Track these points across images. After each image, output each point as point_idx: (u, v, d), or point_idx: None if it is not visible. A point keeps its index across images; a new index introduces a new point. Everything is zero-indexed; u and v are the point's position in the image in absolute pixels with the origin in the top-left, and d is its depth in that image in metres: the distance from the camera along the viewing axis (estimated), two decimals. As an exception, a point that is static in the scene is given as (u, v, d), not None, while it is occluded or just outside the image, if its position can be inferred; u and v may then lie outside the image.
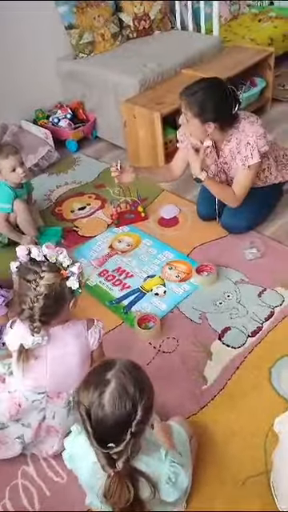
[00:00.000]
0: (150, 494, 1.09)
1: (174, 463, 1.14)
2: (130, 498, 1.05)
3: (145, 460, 1.11)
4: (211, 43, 3.17)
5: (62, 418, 1.46)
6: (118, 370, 1.04)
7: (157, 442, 1.19)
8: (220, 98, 1.96)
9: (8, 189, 2.29)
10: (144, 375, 1.09)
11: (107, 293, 2.13)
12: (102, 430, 1.01)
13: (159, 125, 2.60)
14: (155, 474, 1.11)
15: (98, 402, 1.00)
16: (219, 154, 2.17)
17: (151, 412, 1.06)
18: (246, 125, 2.03)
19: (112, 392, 1.01)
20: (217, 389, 1.69)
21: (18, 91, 3.10)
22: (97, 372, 1.07)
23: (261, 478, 1.44)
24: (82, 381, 1.08)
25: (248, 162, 2.04)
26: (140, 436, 1.04)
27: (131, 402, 1.01)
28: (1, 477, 1.54)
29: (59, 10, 3.03)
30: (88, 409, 1.01)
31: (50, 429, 1.49)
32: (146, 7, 3.25)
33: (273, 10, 4.05)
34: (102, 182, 2.89)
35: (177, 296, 2.07)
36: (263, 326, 1.89)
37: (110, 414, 1.00)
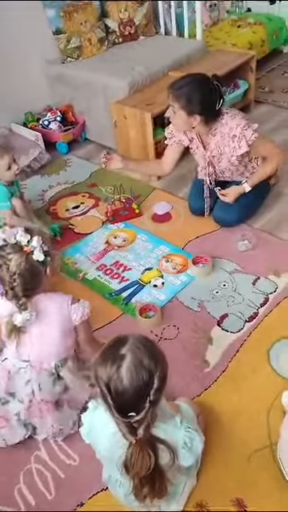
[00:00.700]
0: (170, 460, 1.15)
1: (189, 429, 1.20)
2: (151, 464, 1.11)
3: (162, 427, 1.17)
4: (196, 47, 3.29)
5: (48, 389, 1.53)
6: (132, 344, 1.09)
7: (171, 411, 1.25)
8: (206, 92, 2.06)
9: (3, 187, 2.34)
10: (156, 347, 1.15)
11: (106, 286, 2.19)
12: (123, 401, 1.07)
13: (150, 125, 2.69)
14: (173, 440, 1.17)
15: (116, 376, 1.05)
16: (206, 148, 2.27)
17: (166, 380, 1.12)
18: (228, 119, 2.13)
19: (128, 366, 1.06)
20: (219, 371, 1.77)
21: (8, 95, 3.14)
22: (111, 348, 1.11)
23: (265, 451, 1.51)
24: (98, 358, 1.13)
25: (236, 153, 2.15)
26: (157, 403, 1.10)
27: (147, 373, 1.06)
28: (14, 463, 1.58)
29: (47, 15, 3.09)
30: (107, 383, 1.06)
31: (41, 407, 1.55)
32: (130, 13, 3.35)
33: (251, 16, 4.20)
34: (95, 181, 2.96)
35: (175, 287, 2.14)
36: (259, 311, 1.98)
37: (129, 385, 1.05)
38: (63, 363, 1.54)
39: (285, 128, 3.23)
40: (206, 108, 2.08)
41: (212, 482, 1.45)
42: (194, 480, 1.43)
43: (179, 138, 2.33)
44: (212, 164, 2.31)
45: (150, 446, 1.11)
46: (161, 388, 1.09)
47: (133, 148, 2.91)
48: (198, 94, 2.05)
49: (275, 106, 3.54)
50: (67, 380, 1.56)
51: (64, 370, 1.55)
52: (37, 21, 3.08)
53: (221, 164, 2.29)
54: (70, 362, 1.57)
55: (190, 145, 2.35)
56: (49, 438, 1.61)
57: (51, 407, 1.56)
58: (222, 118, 2.14)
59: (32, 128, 3.21)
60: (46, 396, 1.54)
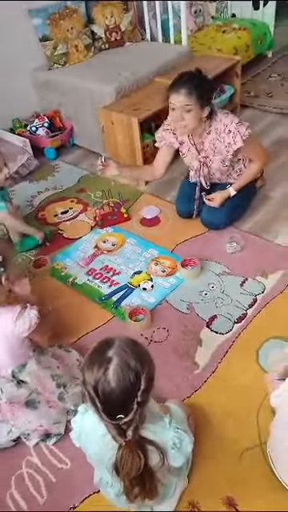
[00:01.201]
0: (159, 461, 1.16)
1: (178, 429, 1.21)
2: (141, 465, 1.12)
3: (151, 429, 1.18)
4: (181, 53, 3.33)
5: (11, 392, 1.56)
6: (118, 346, 1.10)
7: (159, 412, 1.26)
8: (207, 84, 2.12)
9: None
10: (143, 349, 1.16)
11: (96, 290, 2.20)
12: (111, 404, 1.07)
13: (137, 130, 2.71)
14: (162, 441, 1.18)
15: (103, 379, 1.06)
16: (199, 150, 2.29)
17: (153, 381, 1.13)
18: (222, 116, 2.18)
19: (115, 368, 1.06)
20: (208, 372, 1.79)
21: (-5, 101, 3.15)
22: (98, 351, 1.12)
23: (255, 450, 1.53)
24: (85, 361, 1.14)
25: (232, 149, 2.17)
26: (145, 405, 1.11)
27: (134, 374, 1.07)
28: (6, 468, 1.58)
29: (33, 22, 3.11)
30: (95, 386, 1.07)
31: (11, 408, 1.58)
32: (116, 19, 3.38)
33: (235, 22, 4.26)
34: (83, 186, 2.97)
35: (164, 289, 2.16)
36: (248, 312, 2.00)
37: (116, 387, 1.06)
38: (21, 369, 1.56)
39: (270, 131, 3.27)
40: (210, 98, 2.13)
41: (203, 482, 1.46)
42: (186, 480, 1.44)
43: (169, 140, 2.35)
44: (206, 165, 2.33)
45: (139, 447, 1.12)
46: (148, 389, 1.10)
47: (121, 153, 2.93)
48: (205, 86, 2.10)
49: (261, 110, 3.59)
50: (31, 383, 1.57)
51: (24, 373, 1.56)
52: (23, 28, 3.10)
53: (213, 165, 2.32)
54: (30, 365, 1.58)
55: (181, 148, 2.36)
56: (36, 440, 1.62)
57: (21, 407, 1.58)
58: (216, 115, 2.18)
59: (20, 134, 3.22)
60: (11, 398, 1.56)
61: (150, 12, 3.57)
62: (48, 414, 1.61)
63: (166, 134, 2.35)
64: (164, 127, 2.35)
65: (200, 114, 2.11)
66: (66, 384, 1.66)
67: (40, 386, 1.60)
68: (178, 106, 2.07)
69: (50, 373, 1.63)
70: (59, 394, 1.63)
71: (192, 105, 2.06)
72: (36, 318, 1.50)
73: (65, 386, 1.65)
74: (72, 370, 1.75)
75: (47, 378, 1.62)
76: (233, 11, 4.53)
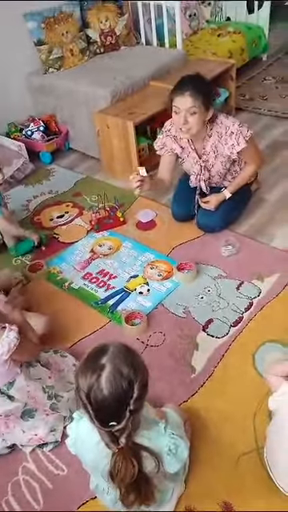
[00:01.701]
0: (155, 467, 1.16)
1: (173, 435, 1.21)
2: (134, 472, 1.11)
3: (146, 435, 1.17)
4: (176, 56, 3.33)
5: (4, 405, 1.54)
6: (112, 354, 1.10)
7: (155, 418, 1.26)
8: (209, 87, 2.15)
9: None
10: (136, 356, 1.15)
11: (92, 294, 2.20)
12: (103, 411, 1.07)
13: (132, 133, 2.71)
14: (157, 447, 1.18)
15: (96, 386, 1.06)
16: (200, 154, 2.29)
17: (146, 389, 1.13)
18: (223, 118, 2.19)
19: (108, 375, 1.06)
20: (205, 376, 1.78)
21: (-10, 106, 3.15)
22: (92, 358, 1.12)
23: (252, 454, 1.52)
24: (79, 368, 1.14)
25: (236, 150, 2.18)
26: (138, 412, 1.11)
27: (127, 382, 1.07)
28: (2, 475, 1.57)
29: (28, 26, 3.11)
30: (88, 393, 1.07)
31: (5, 420, 1.57)
32: (111, 23, 3.39)
33: (230, 25, 4.27)
34: (79, 190, 2.97)
35: (160, 293, 2.16)
36: (244, 316, 2.00)
37: (109, 395, 1.05)
38: (9, 386, 1.53)
39: (265, 134, 3.28)
40: (212, 101, 2.15)
41: (200, 487, 1.46)
42: (182, 486, 1.44)
43: (170, 146, 2.34)
44: (207, 169, 2.33)
45: (133, 454, 1.12)
46: (141, 397, 1.09)
47: (116, 157, 2.93)
48: (209, 87, 2.14)
49: (256, 113, 3.60)
50: (21, 399, 1.55)
51: (13, 390, 1.53)
52: (18, 32, 3.10)
53: (213, 168, 2.33)
54: (19, 381, 1.54)
55: (181, 154, 2.36)
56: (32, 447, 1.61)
57: (16, 419, 1.57)
58: (216, 118, 2.19)
59: (15, 138, 3.22)
60: (4, 411, 1.55)
61: (144, 16, 3.58)
62: (44, 421, 1.60)
63: (167, 141, 2.34)
64: (163, 134, 2.35)
65: (204, 117, 2.11)
66: (57, 394, 1.63)
67: (31, 400, 1.58)
68: (182, 108, 2.07)
69: (40, 385, 1.60)
70: (51, 405, 1.61)
71: (197, 107, 2.05)
72: (16, 340, 1.44)
73: (56, 397, 1.63)
74: (68, 375, 1.74)
75: (38, 391, 1.59)
76: (227, 15, 4.54)
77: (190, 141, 2.28)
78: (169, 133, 2.32)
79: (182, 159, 2.40)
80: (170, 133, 2.32)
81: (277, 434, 1.40)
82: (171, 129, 2.31)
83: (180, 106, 2.07)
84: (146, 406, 1.21)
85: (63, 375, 1.73)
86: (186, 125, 2.11)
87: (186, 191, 2.50)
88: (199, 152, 2.30)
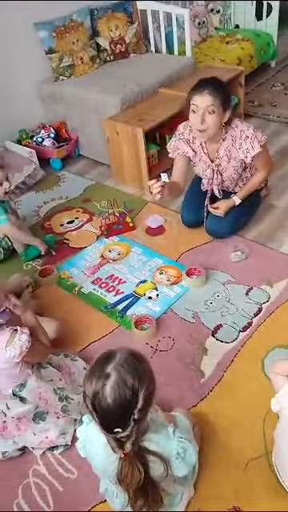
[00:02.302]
0: (164, 471, 1.17)
1: (181, 439, 1.22)
2: (140, 478, 1.12)
3: (154, 439, 1.18)
4: (185, 64, 3.36)
5: (17, 407, 1.56)
6: (118, 363, 1.10)
7: (163, 422, 1.27)
8: (227, 89, 2.18)
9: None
10: (143, 363, 1.15)
11: (102, 299, 2.22)
12: (108, 419, 1.08)
13: (142, 140, 2.74)
14: (165, 451, 1.18)
15: (101, 394, 1.07)
16: (212, 158, 2.31)
17: (152, 399, 1.13)
18: (238, 122, 2.21)
19: (112, 385, 1.07)
20: (214, 381, 1.79)
21: (1, 113, 3.19)
22: (98, 365, 1.12)
23: (262, 459, 1.53)
24: (86, 373, 1.15)
25: (250, 154, 2.19)
26: (143, 420, 1.11)
27: (131, 392, 1.07)
28: (13, 477, 1.59)
29: (39, 35, 3.16)
30: (92, 400, 1.08)
31: (17, 423, 1.59)
32: (121, 31, 3.43)
33: (239, 33, 4.30)
34: (89, 196, 3.00)
35: (169, 298, 2.17)
36: (253, 321, 2.01)
37: (113, 404, 1.06)
38: (21, 388, 1.55)
39: (274, 141, 3.29)
40: (230, 102, 2.18)
41: (209, 491, 1.46)
42: (192, 490, 1.44)
43: (183, 150, 2.35)
44: (220, 173, 2.35)
45: (138, 459, 1.12)
46: (146, 406, 1.10)
47: (126, 163, 2.96)
48: (227, 90, 2.17)
49: (265, 119, 3.62)
50: (33, 400, 1.57)
51: (25, 392, 1.55)
52: (29, 41, 3.15)
53: (225, 173, 2.34)
54: (30, 382, 1.57)
55: (193, 157, 2.37)
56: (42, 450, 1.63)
57: (28, 422, 1.59)
58: (232, 122, 2.20)
59: (26, 145, 3.26)
60: (17, 413, 1.57)
61: (154, 24, 3.62)
62: (55, 423, 1.62)
63: (179, 144, 2.35)
64: (176, 137, 2.36)
65: (221, 119, 2.13)
66: (68, 396, 1.65)
67: (43, 402, 1.60)
68: (201, 106, 2.07)
69: (52, 386, 1.62)
70: (62, 407, 1.63)
71: (216, 106, 2.07)
72: (27, 343, 1.45)
73: (67, 399, 1.65)
74: (78, 378, 1.76)
75: (49, 392, 1.61)
76: (236, 22, 4.57)
77: (202, 145, 2.30)
78: (181, 136, 2.34)
79: (193, 163, 2.41)
80: (183, 136, 2.33)
81: (283, 437, 1.40)
82: (184, 132, 2.33)
83: (198, 104, 2.08)
84: (155, 409, 1.22)
85: (74, 378, 1.75)
86: (203, 124, 2.11)
87: (195, 197, 2.52)
88: (211, 156, 2.31)
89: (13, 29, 3.06)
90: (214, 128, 2.13)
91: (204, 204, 2.44)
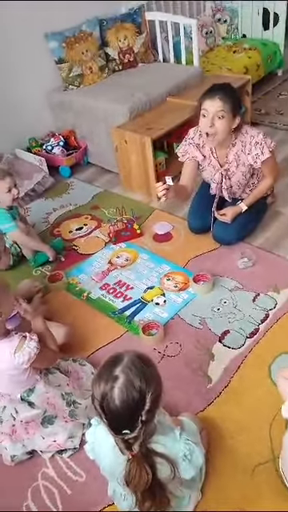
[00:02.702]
0: (171, 473, 1.18)
1: (188, 441, 1.24)
2: (148, 480, 1.14)
3: (161, 441, 1.20)
4: (193, 73, 3.41)
5: (25, 411, 1.59)
6: (125, 365, 1.13)
7: (170, 425, 1.29)
8: (238, 96, 2.22)
9: (3, 210, 2.41)
10: (150, 366, 1.18)
11: (110, 304, 2.25)
12: (115, 420, 1.11)
13: (150, 148, 2.78)
14: (172, 453, 1.20)
15: (109, 396, 1.09)
16: (221, 163, 2.34)
17: (159, 400, 1.15)
18: (248, 128, 2.25)
19: (120, 387, 1.09)
20: (221, 387, 1.80)
21: (12, 122, 3.26)
22: (106, 368, 1.15)
23: (268, 465, 1.54)
24: (95, 376, 1.18)
25: (260, 159, 2.22)
26: (151, 422, 1.14)
27: (139, 394, 1.09)
28: (22, 480, 1.61)
29: (49, 46, 3.22)
30: (101, 402, 1.11)
31: (26, 426, 1.61)
32: (130, 41, 3.48)
33: (246, 42, 4.35)
34: (97, 203, 3.04)
35: (177, 304, 2.19)
36: (260, 327, 2.02)
37: (121, 406, 1.09)
38: (29, 393, 1.57)
39: (281, 148, 3.31)
40: (241, 108, 2.20)
41: (216, 496, 1.47)
42: (199, 494, 1.46)
43: (192, 154, 2.39)
44: (228, 177, 2.37)
45: (146, 461, 1.14)
46: (153, 408, 1.12)
47: (134, 171, 3.00)
48: (237, 96, 2.20)
49: (271, 127, 3.64)
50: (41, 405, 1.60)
51: (33, 396, 1.58)
52: (40, 51, 3.21)
53: (233, 178, 2.37)
54: (38, 387, 1.59)
55: (202, 162, 2.40)
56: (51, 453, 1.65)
57: (36, 426, 1.61)
58: (241, 127, 2.24)
59: (36, 153, 3.32)
60: (25, 417, 1.60)
61: (162, 34, 3.67)
62: (64, 427, 1.64)
63: (189, 148, 2.39)
64: (187, 141, 2.40)
65: (231, 124, 2.16)
66: (76, 401, 1.67)
67: (50, 407, 1.62)
68: (211, 111, 2.11)
69: (59, 392, 1.64)
70: (70, 412, 1.65)
71: (225, 111, 2.10)
72: (36, 349, 1.47)
73: (74, 403, 1.67)
74: (86, 383, 1.78)
75: (57, 398, 1.63)
76: (243, 32, 4.62)
77: (212, 149, 2.33)
78: (191, 140, 2.37)
79: (202, 167, 2.44)
80: (193, 141, 2.37)
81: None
82: (194, 137, 2.36)
83: (208, 109, 2.12)
84: (161, 412, 1.24)
85: (82, 383, 1.77)
86: (212, 128, 2.14)
87: (202, 204, 2.55)
88: (221, 161, 2.34)
89: (24, 39, 3.12)
90: (223, 133, 2.16)
91: (211, 210, 2.46)
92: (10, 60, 3.12)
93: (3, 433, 1.63)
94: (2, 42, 3.03)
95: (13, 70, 3.16)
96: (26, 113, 3.33)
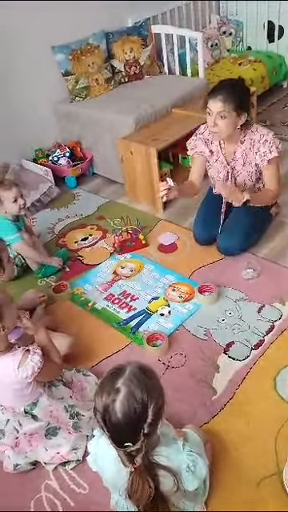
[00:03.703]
0: (174, 486, 1.17)
1: (191, 452, 1.23)
2: (151, 493, 1.13)
3: (165, 452, 1.19)
4: (198, 85, 3.44)
5: (29, 424, 1.58)
6: (127, 377, 1.12)
7: (174, 436, 1.28)
8: (246, 91, 2.22)
9: (9, 221, 2.42)
10: (152, 378, 1.17)
11: (114, 315, 2.24)
12: (118, 433, 1.11)
13: (155, 159, 2.79)
14: (175, 465, 1.19)
15: (111, 409, 1.09)
16: (228, 160, 2.36)
17: (162, 412, 1.15)
18: (259, 127, 2.27)
19: (122, 400, 1.09)
20: (226, 399, 1.79)
21: (18, 133, 3.28)
22: (108, 379, 1.15)
23: (273, 478, 1.52)
24: (97, 388, 1.17)
25: (267, 157, 2.23)
26: (153, 434, 1.13)
27: (141, 407, 1.09)
28: (25, 492, 1.60)
29: (56, 58, 3.27)
30: (103, 415, 1.10)
31: (29, 439, 1.60)
32: (135, 54, 3.52)
33: (251, 54, 4.38)
34: (102, 214, 3.05)
35: (181, 315, 2.19)
36: (265, 339, 2.01)
37: (122, 419, 1.08)
38: (32, 406, 1.57)
39: (286, 160, 3.32)
40: (248, 105, 2.21)
41: (221, 509, 1.45)
42: (203, 507, 1.44)
43: (200, 149, 2.41)
44: (234, 176, 2.38)
45: (149, 473, 1.14)
46: (155, 421, 1.11)
47: (139, 181, 3.01)
48: (244, 93, 2.20)
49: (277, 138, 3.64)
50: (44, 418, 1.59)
51: (36, 410, 1.57)
52: (47, 64, 3.25)
53: (239, 177, 2.38)
54: (42, 400, 1.58)
55: (209, 157, 2.42)
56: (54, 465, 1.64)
57: (38, 437, 1.60)
58: (252, 125, 2.26)
59: (42, 164, 3.34)
60: (29, 430, 1.59)
61: (167, 47, 3.71)
62: (67, 439, 1.63)
63: (198, 143, 2.42)
64: (197, 136, 2.43)
65: (236, 122, 2.18)
66: (79, 413, 1.67)
67: (54, 420, 1.61)
68: (213, 110, 2.14)
69: (63, 404, 1.63)
70: (73, 425, 1.64)
71: (227, 112, 2.12)
72: (39, 363, 1.46)
73: (78, 415, 1.66)
74: (90, 394, 1.77)
75: (60, 411, 1.62)
76: (248, 44, 4.66)
77: (221, 145, 2.34)
78: (201, 136, 2.40)
79: (209, 164, 2.45)
80: (203, 136, 2.40)
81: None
82: (204, 132, 2.39)
83: (211, 109, 2.15)
84: (164, 423, 1.23)
85: (85, 394, 1.77)
86: (214, 127, 2.18)
87: (208, 214, 2.55)
88: (228, 158, 2.36)
89: (31, 52, 3.16)
90: (226, 132, 2.20)
91: (218, 221, 2.47)
92: (18, 72, 3.16)
93: (6, 444, 1.62)
94: (10, 53, 3.08)
95: (20, 81, 3.19)
96: (33, 124, 3.36)
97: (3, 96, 3.14)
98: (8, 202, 2.36)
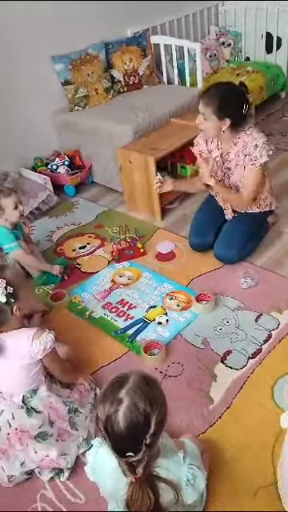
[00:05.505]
0: (174, 498, 1.17)
1: (191, 465, 1.22)
2: (150, 504, 1.12)
3: (165, 465, 1.18)
4: (197, 95, 3.44)
5: (22, 418, 1.60)
6: (130, 388, 1.12)
7: (173, 448, 1.27)
8: (234, 97, 2.22)
9: (7, 230, 2.43)
10: (155, 388, 1.17)
11: (112, 324, 2.24)
12: (120, 443, 1.10)
13: (154, 168, 2.81)
14: (175, 477, 1.19)
15: (113, 418, 1.09)
16: (224, 160, 2.38)
17: (164, 424, 1.14)
18: (253, 131, 2.28)
19: (125, 410, 1.09)
20: (223, 408, 1.79)
21: (18, 141, 3.30)
22: (112, 389, 1.14)
23: (271, 488, 1.51)
24: (100, 396, 1.17)
25: (258, 162, 2.25)
26: (155, 445, 1.13)
27: (143, 418, 1.09)
28: (21, 502, 1.59)
29: (56, 68, 3.29)
30: (105, 424, 1.10)
31: (20, 436, 1.60)
32: (134, 64, 3.56)
33: (249, 65, 4.42)
34: (101, 222, 3.06)
35: (179, 324, 2.19)
36: (262, 347, 2.01)
37: (125, 429, 1.08)
38: (32, 394, 1.60)
39: (284, 169, 3.35)
40: (234, 112, 2.21)
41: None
42: (200, 518, 1.43)
43: (201, 147, 2.45)
44: (228, 176, 2.41)
45: (149, 485, 1.13)
46: (158, 431, 1.11)
47: (137, 190, 3.02)
48: (228, 99, 2.20)
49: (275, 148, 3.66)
50: (43, 409, 1.61)
51: (35, 399, 1.60)
52: (46, 73, 3.28)
53: (232, 178, 2.40)
54: (42, 390, 1.62)
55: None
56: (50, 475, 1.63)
57: (29, 436, 1.61)
58: (247, 128, 2.27)
59: (41, 172, 3.36)
60: (20, 425, 1.60)
61: (166, 57, 3.75)
62: (56, 445, 1.62)
63: (200, 140, 2.47)
64: (201, 133, 2.47)
65: (219, 125, 2.21)
66: (77, 409, 1.70)
67: (52, 412, 1.63)
68: (200, 111, 2.22)
69: (61, 398, 1.68)
70: (70, 419, 1.66)
71: (206, 115, 2.19)
72: (51, 343, 1.54)
73: (76, 411, 1.69)
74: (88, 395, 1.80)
75: (59, 403, 1.66)
76: (247, 55, 4.71)
77: (218, 145, 2.37)
78: (203, 134, 2.44)
79: None
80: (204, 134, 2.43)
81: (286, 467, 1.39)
82: None
83: (199, 108, 2.24)
84: (164, 435, 1.23)
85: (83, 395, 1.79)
86: (201, 125, 2.27)
87: (204, 220, 2.58)
88: (224, 158, 2.38)
89: (31, 61, 3.19)
90: (211, 132, 2.27)
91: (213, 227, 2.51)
92: (18, 81, 3.18)
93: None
94: (10, 63, 3.10)
95: (20, 90, 3.22)
96: (32, 133, 3.38)
97: (3, 105, 3.16)
98: (9, 209, 2.37)
